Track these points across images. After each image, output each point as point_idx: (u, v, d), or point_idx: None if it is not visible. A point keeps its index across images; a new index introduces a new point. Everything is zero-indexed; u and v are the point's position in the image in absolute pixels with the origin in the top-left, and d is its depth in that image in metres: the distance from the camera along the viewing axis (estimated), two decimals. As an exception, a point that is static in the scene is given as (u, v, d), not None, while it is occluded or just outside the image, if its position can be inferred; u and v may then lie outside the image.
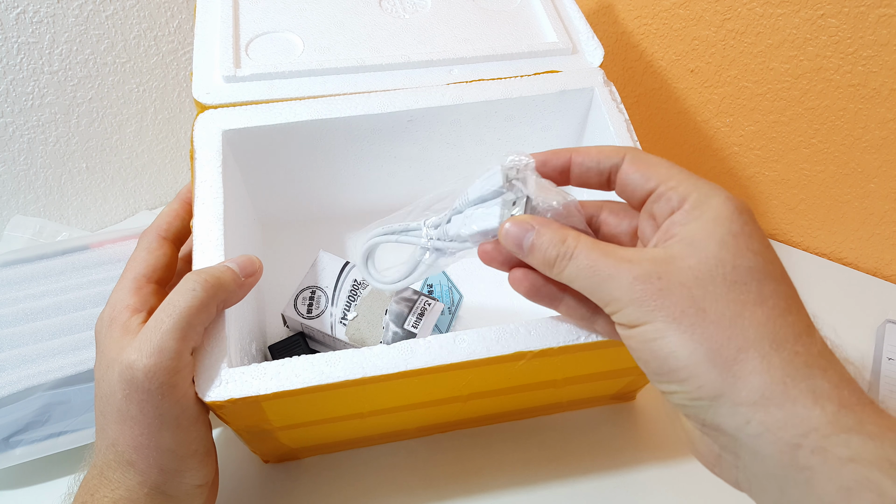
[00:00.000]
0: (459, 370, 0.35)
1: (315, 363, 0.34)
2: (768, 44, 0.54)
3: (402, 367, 0.34)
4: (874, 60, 0.50)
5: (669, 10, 0.58)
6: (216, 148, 0.42)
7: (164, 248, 0.39)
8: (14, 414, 0.45)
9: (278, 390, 0.33)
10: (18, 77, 0.54)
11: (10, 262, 0.52)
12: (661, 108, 0.65)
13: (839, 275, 0.61)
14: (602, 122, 0.47)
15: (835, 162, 0.57)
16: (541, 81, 0.48)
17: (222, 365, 0.34)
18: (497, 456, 0.47)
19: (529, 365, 0.36)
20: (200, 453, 0.35)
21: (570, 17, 0.53)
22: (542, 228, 0.30)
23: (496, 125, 0.49)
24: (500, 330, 0.36)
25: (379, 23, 0.51)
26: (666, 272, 0.26)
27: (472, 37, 0.51)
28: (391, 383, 0.35)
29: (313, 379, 0.33)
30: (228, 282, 0.35)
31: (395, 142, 0.49)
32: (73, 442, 0.45)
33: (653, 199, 0.29)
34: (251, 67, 0.46)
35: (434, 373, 0.35)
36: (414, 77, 0.47)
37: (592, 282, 0.28)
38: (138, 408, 0.32)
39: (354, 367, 0.34)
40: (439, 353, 0.35)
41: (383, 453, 0.47)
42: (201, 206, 0.39)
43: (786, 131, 0.58)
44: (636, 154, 0.31)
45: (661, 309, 0.25)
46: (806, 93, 0.55)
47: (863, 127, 0.54)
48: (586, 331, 0.36)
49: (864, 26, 0.49)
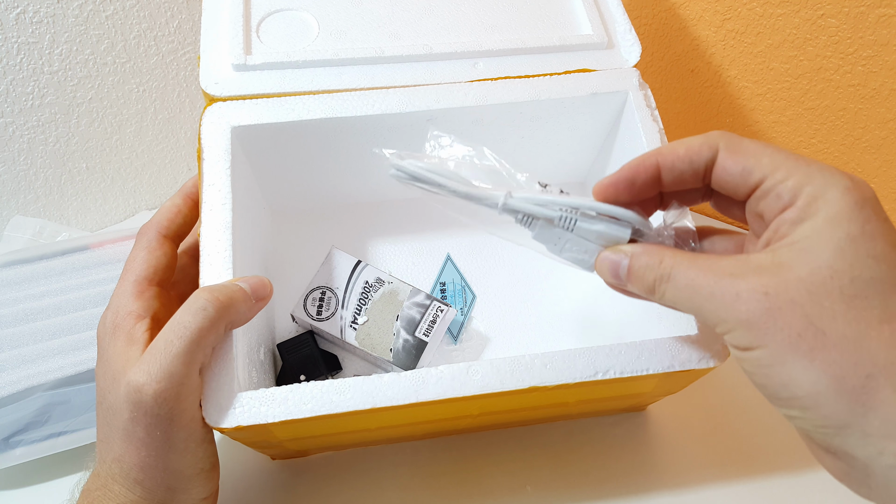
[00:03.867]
0: (471, 401, 0.34)
1: (324, 391, 0.33)
2: (768, 44, 0.54)
3: (412, 398, 0.33)
4: (874, 60, 0.50)
5: (669, 10, 0.58)
6: (225, 147, 0.40)
7: (164, 248, 0.38)
8: (14, 414, 0.45)
9: (286, 419, 0.32)
10: (18, 77, 0.54)
11: (10, 263, 0.52)
12: (660, 109, 0.65)
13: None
14: (634, 129, 0.44)
15: (835, 162, 0.57)
16: (571, 82, 0.44)
17: (230, 389, 0.33)
18: (500, 458, 0.47)
19: (543, 393, 0.35)
20: (206, 470, 0.34)
21: (608, 4, 0.48)
22: (638, 251, 0.27)
23: (520, 124, 0.47)
24: (515, 362, 0.34)
25: (399, 1, 0.47)
26: (774, 287, 0.23)
27: (500, 23, 0.47)
28: (401, 411, 0.34)
29: (321, 408, 0.33)
30: (240, 303, 0.34)
31: (414, 140, 0.46)
32: (73, 442, 0.45)
33: (759, 196, 0.26)
34: (262, 55, 0.43)
35: (445, 404, 0.34)
36: (436, 70, 0.44)
37: (694, 303, 0.25)
38: (146, 431, 0.31)
39: (364, 396, 0.33)
40: (451, 385, 0.34)
41: (388, 452, 0.47)
42: (209, 213, 0.38)
43: (786, 131, 0.58)
44: (731, 142, 0.27)
45: (774, 332, 0.23)
46: (806, 93, 0.55)
47: (863, 127, 0.54)
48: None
49: (864, 26, 0.49)
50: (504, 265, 0.51)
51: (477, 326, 0.49)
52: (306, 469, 0.46)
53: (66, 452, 0.45)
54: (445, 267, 0.51)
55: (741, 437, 0.48)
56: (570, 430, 0.48)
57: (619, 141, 0.48)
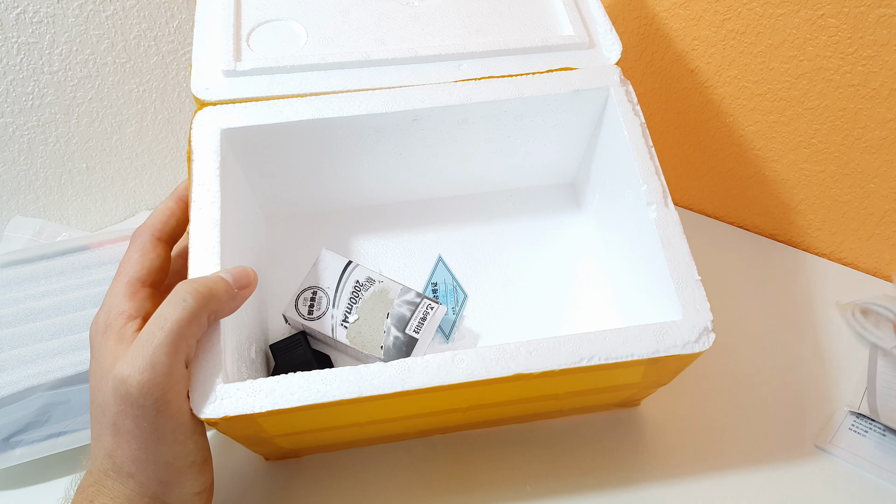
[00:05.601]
0: (458, 390, 0.35)
1: (311, 381, 0.34)
2: (768, 44, 0.54)
3: (398, 387, 0.34)
4: (874, 60, 0.50)
5: (669, 10, 0.58)
6: (214, 149, 0.41)
7: (157, 250, 0.38)
8: (14, 414, 0.45)
9: (273, 408, 0.33)
10: (18, 77, 0.54)
11: (10, 263, 0.52)
12: (660, 109, 0.65)
13: (839, 275, 0.61)
14: (616, 125, 0.45)
15: (835, 162, 0.57)
16: (554, 79, 0.45)
17: (217, 380, 0.33)
18: (497, 457, 0.47)
19: (530, 382, 0.36)
20: (198, 463, 0.35)
21: (588, 6, 0.50)
22: None
23: (506, 123, 0.48)
24: (500, 350, 0.35)
25: (386, 10, 0.49)
26: None
27: (484, 27, 0.48)
28: (389, 401, 0.35)
29: (308, 398, 0.33)
30: (221, 293, 0.34)
31: (400, 140, 0.48)
32: (72, 442, 0.45)
33: None
34: (252, 61, 0.45)
35: (432, 392, 0.34)
36: (421, 72, 0.46)
37: None
38: (134, 423, 0.31)
39: (350, 386, 0.34)
40: (437, 373, 0.34)
41: (383, 452, 0.47)
42: (198, 212, 0.39)
43: (786, 131, 0.58)
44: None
45: None
46: (806, 93, 0.55)
47: (863, 127, 0.54)
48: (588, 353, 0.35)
49: (864, 26, 0.49)
50: (495, 265, 0.52)
51: (469, 325, 0.49)
52: (301, 470, 0.47)
53: (65, 452, 0.45)
54: (437, 267, 0.51)
55: (735, 433, 0.49)
56: (566, 427, 0.49)
57: (602, 138, 0.49)
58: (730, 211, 0.66)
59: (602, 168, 0.50)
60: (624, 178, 0.45)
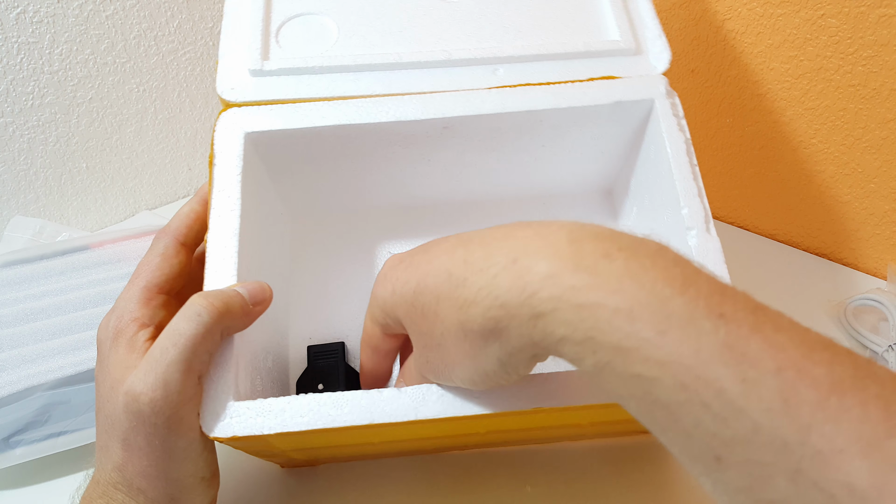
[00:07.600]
0: (474, 420, 0.33)
1: (322, 404, 0.33)
2: (768, 44, 0.54)
3: (411, 416, 0.32)
4: (874, 60, 0.50)
5: (669, 11, 0.58)
6: (237, 153, 0.39)
7: (180, 256, 0.37)
8: (14, 414, 0.45)
9: (281, 431, 0.32)
10: (18, 77, 0.54)
11: (10, 263, 0.52)
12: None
13: (839, 275, 0.61)
14: (659, 139, 0.42)
15: (835, 162, 0.57)
16: (594, 89, 0.42)
17: (227, 398, 0.33)
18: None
19: (551, 413, 0.34)
20: (207, 478, 0.34)
21: (638, 8, 0.46)
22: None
23: (540, 133, 0.45)
24: (523, 380, 0.33)
25: (422, 5, 0.46)
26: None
27: (524, 27, 0.45)
28: (401, 427, 0.33)
29: (318, 422, 0.32)
30: (236, 308, 0.33)
31: (430, 146, 0.45)
32: (73, 442, 0.45)
33: None
34: (280, 60, 0.43)
35: (447, 423, 0.33)
36: (454, 77, 0.43)
37: None
38: (145, 440, 0.31)
39: (362, 412, 0.32)
40: (453, 403, 0.32)
41: (403, 461, 0.47)
42: (217, 219, 0.37)
43: (786, 131, 0.58)
44: None
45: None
46: (806, 93, 0.55)
47: (863, 127, 0.54)
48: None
49: (864, 26, 0.49)
50: None
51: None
52: (315, 477, 0.46)
53: (66, 452, 0.45)
54: None
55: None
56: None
57: (643, 150, 0.46)
58: (730, 211, 0.66)
59: (642, 181, 0.47)
60: (664, 197, 0.42)
